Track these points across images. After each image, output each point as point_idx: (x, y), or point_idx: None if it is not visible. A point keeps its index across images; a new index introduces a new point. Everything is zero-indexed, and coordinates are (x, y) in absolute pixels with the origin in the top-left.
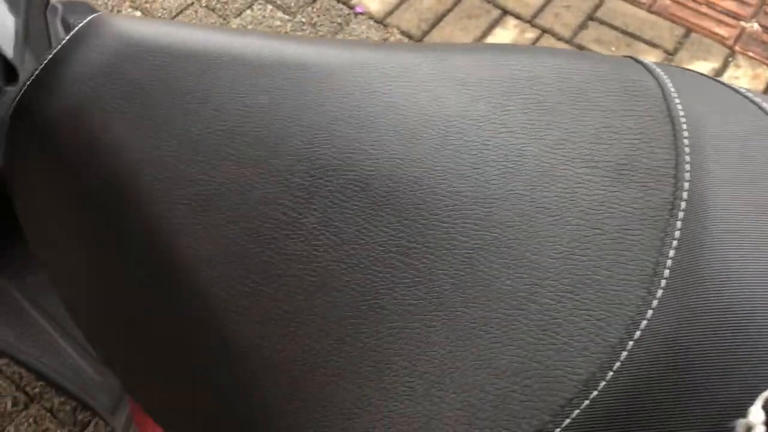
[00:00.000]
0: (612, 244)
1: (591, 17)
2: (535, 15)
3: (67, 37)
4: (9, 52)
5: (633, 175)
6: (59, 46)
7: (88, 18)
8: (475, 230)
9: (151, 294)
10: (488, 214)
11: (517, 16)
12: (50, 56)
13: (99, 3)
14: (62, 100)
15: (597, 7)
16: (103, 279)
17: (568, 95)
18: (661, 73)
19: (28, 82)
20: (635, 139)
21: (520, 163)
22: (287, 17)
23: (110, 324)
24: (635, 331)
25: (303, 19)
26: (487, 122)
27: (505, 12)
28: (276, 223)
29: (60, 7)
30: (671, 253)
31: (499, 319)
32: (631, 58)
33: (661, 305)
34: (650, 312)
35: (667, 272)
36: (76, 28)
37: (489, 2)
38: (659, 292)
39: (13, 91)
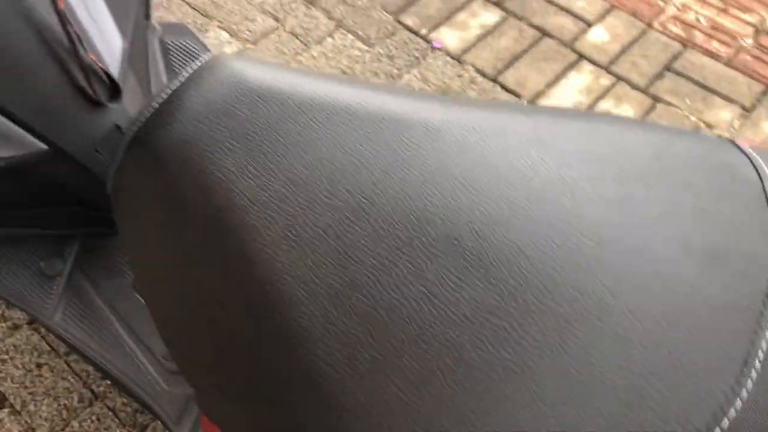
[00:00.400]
0: (702, 330)
1: (668, 68)
2: (612, 62)
3: (187, 75)
4: (115, 71)
5: (727, 262)
6: (179, 83)
7: (207, 57)
8: (566, 298)
9: (243, 323)
10: (579, 284)
11: (594, 62)
12: (170, 92)
13: (188, 21)
14: (177, 134)
15: (675, 57)
16: (197, 303)
17: (663, 173)
18: (759, 160)
19: (148, 114)
20: (731, 225)
21: (613, 235)
22: (366, 48)
23: (197, 342)
24: (723, 419)
25: (381, 51)
26: (581, 190)
27: (582, 57)
28: (369, 269)
29: (159, 27)
30: (764, 345)
31: (585, 390)
32: (728, 140)
33: (751, 397)
34: (739, 402)
35: (758, 364)
36: (196, 66)
37: (566, 46)
38: (749, 383)
39: (115, 108)
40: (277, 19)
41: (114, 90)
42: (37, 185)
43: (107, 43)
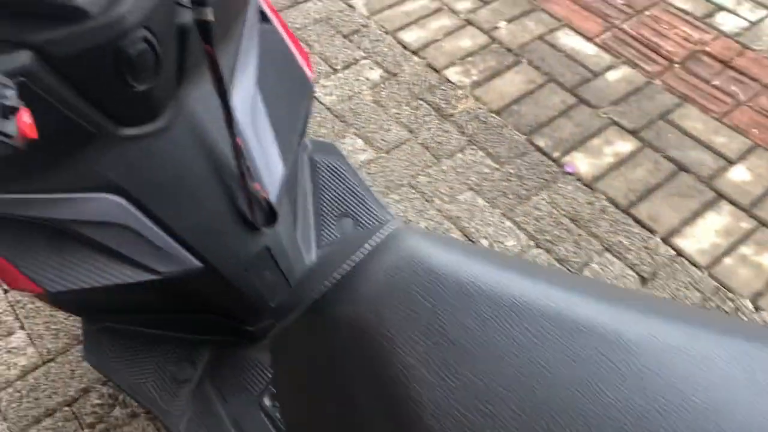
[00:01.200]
0: None
1: None
2: (754, 204)
3: (368, 247)
4: (274, 197)
5: None
6: (360, 255)
7: (388, 229)
8: None
9: None
10: None
11: (733, 203)
12: (352, 264)
13: (327, 126)
14: (354, 310)
15: None
16: None
17: None
18: None
19: (329, 286)
20: None
21: None
22: (496, 166)
23: None
24: None
25: (511, 170)
26: None
27: (721, 196)
28: None
29: (309, 144)
30: None
31: None
32: None
33: None
34: None
35: None
36: (376, 239)
37: (704, 183)
38: None
39: (270, 234)
40: (410, 131)
41: (271, 216)
42: (182, 295)
43: (270, 170)
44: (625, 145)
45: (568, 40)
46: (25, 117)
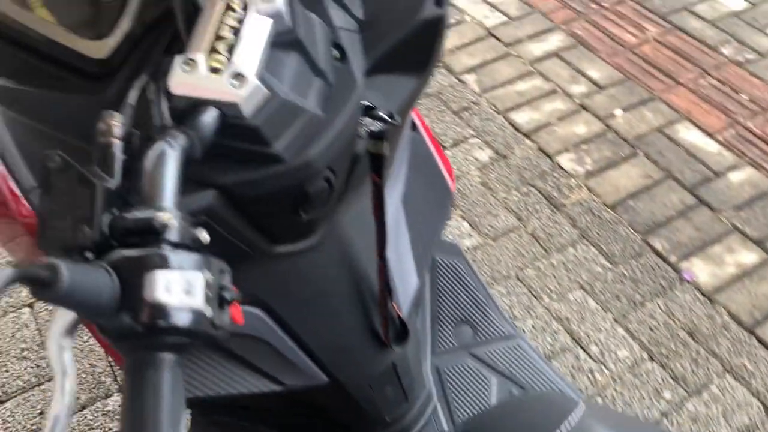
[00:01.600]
0: None
1: None
2: None
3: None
4: (405, 311)
5: None
6: None
7: (576, 416)
8: None
9: None
10: None
11: None
12: None
13: None
14: None
15: None
16: None
17: None
18: None
19: None
20: None
21: None
22: (609, 265)
23: None
24: None
25: (625, 272)
26: None
27: None
28: None
29: None
30: None
31: None
32: None
33: None
34: None
35: None
36: (565, 427)
37: None
38: None
39: (398, 351)
40: (519, 219)
41: (403, 334)
42: (299, 402)
43: (404, 285)
44: (750, 256)
45: (687, 134)
46: (236, 305)
